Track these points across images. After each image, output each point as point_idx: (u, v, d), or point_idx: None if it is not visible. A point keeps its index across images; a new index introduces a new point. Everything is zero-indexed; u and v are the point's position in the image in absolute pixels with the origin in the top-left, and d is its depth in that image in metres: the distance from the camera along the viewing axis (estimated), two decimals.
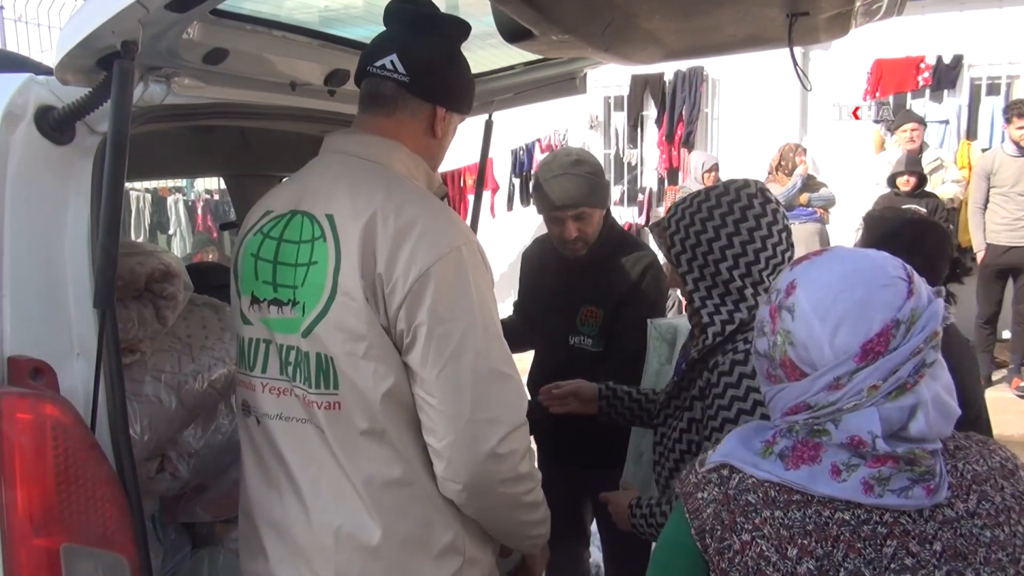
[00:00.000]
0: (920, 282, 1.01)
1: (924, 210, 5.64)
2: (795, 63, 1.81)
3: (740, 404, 1.50)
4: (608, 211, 2.54)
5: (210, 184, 9.57)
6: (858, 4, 1.77)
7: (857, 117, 6.91)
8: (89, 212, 1.45)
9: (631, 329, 2.38)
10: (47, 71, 1.50)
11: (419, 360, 1.33)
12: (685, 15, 1.77)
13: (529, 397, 1.50)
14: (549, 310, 2.52)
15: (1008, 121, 5.55)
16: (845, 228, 6.81)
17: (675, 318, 2.39)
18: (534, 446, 1.53)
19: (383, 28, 1.58)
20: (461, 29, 1.58)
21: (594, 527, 2.84)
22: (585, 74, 2.57)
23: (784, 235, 1.61)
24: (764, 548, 0.95)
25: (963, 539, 0.95)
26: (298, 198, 1.46)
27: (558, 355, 2.49)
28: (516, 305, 2.78)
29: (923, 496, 0.94)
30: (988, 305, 5.79)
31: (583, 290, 2.45)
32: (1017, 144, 5.48)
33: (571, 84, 2.56)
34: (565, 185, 2.36)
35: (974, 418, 1.97)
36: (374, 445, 1.37)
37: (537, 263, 2.65)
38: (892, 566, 0.93)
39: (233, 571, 2.00)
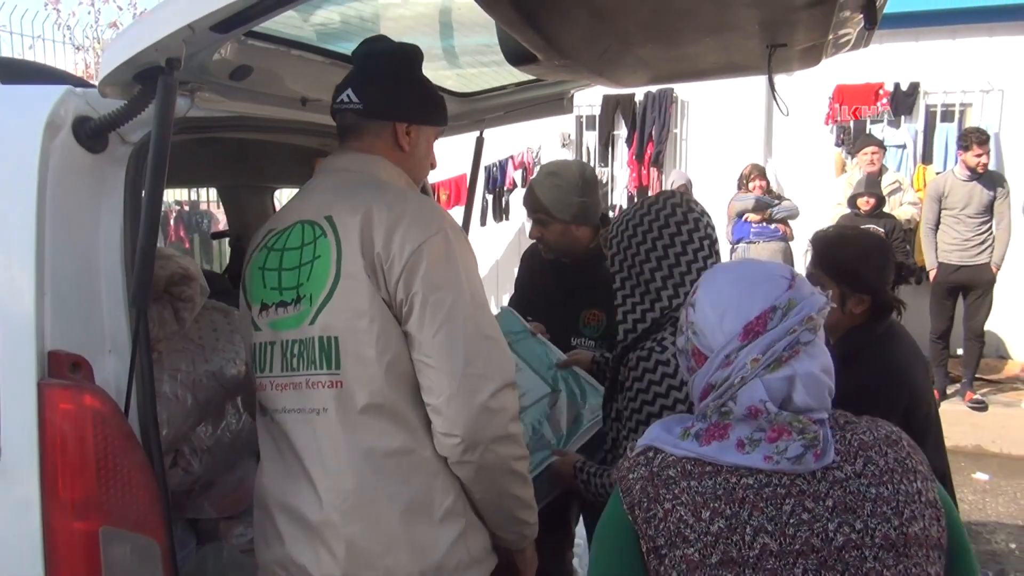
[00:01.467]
0: (802, 281, 1.19)
1: (882, 230, 5.92)
2: (773, 90, 1.97)
3: (662, 400, 1.69)
4: (604, 222, 2.66)
5: (180, 195, 9.54)
6: (831, 37, 1.94)
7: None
8: (121, 217, 1.54)
9: None
10: (80, 83, 1.60)
11: (416, 324, 1.47)
12: (675, 43, 1.92)
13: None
14: (550, 311, 2.62)
15: (966, 148, 5.82)
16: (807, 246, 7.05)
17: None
18: None
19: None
20: (409, 54, 1.73)
21: (581, 530, 2.95)
22: (572, 95, 2.71)
23: (706, 243, 1.78)
24: (683, 513, 1.09)
25: (851, 496, 1.08)
26: (299, 212, 1.62)
27: None
28: (511, 303, 2.87)
29: (812, 461, 1.09)
30: (941, 321, 6.06)
31: (585, 293, 2.57)
32: (972, 170, 5.77)
33: (559, 104, 2.71)
34: (533, 190, 2.52)
35: (925, 411, 2.13)
36: (374, 419, 1.48)
37: (536, 266, 2.76)
38: (791, 521, 1.07)
39: (237, 567, 2.08)
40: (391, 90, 1.68)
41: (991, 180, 5.86)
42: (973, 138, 5.80)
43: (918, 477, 1.11)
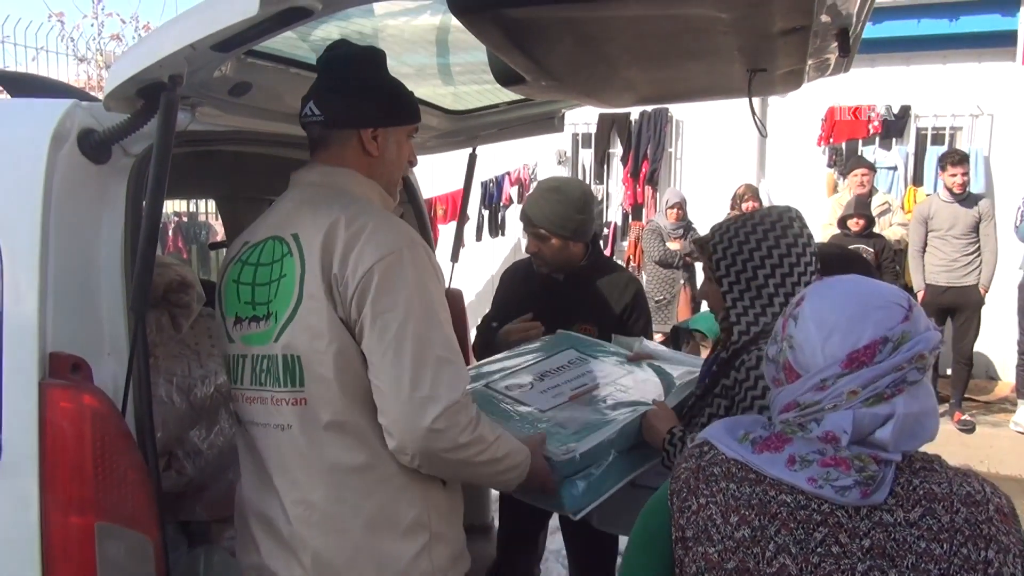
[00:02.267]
0: (919, 313, 1.11)
1: (872, 250, 6.00)
2: (753, 112, 2.04)
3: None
4: (595, 239, 2.72)
5: (179, 207, 9.62)
6: (810, 62, 2.01)
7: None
8: (122, 225, 1.60)
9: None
10: (86, 97, 1.66)
11: (368, 346, 1.49)
12: (659, 66, 2.00)
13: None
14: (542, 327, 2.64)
15: (943, 168, 5.95)
16: None
17: (635, 340, 2.56)
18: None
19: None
20: (368, 55, 1.72)
21: (559, 543, 2.99)
22: (563, 114, 2.79)
23: (813, 257, 1.82)
24: (713, 512, 1.10)
25: (894, 543, 1.02)
26: (270, 227, 1.65)
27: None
28: (489, 320, 2.89)
29: (857, 495, 1.04)
30: None
31: (577, 309, 2.62)
32: (950, 191, 5.87)
33: (550, 123, 2.79)
34: (534, 205, 2.57)
35: None
36: (337, 435, 1.52)
37: (521, 283, 2.80)
38: (819, 550, 1.04)
39: (227, 569, 2.12)
40: (351, 98, 1.66)
41: (976, 202, 5.95)
42: (948, 159, 5.92)
43: (992, 546, 1.01)
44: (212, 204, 7.76)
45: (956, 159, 5.87)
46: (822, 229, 6.68)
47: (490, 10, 1.35)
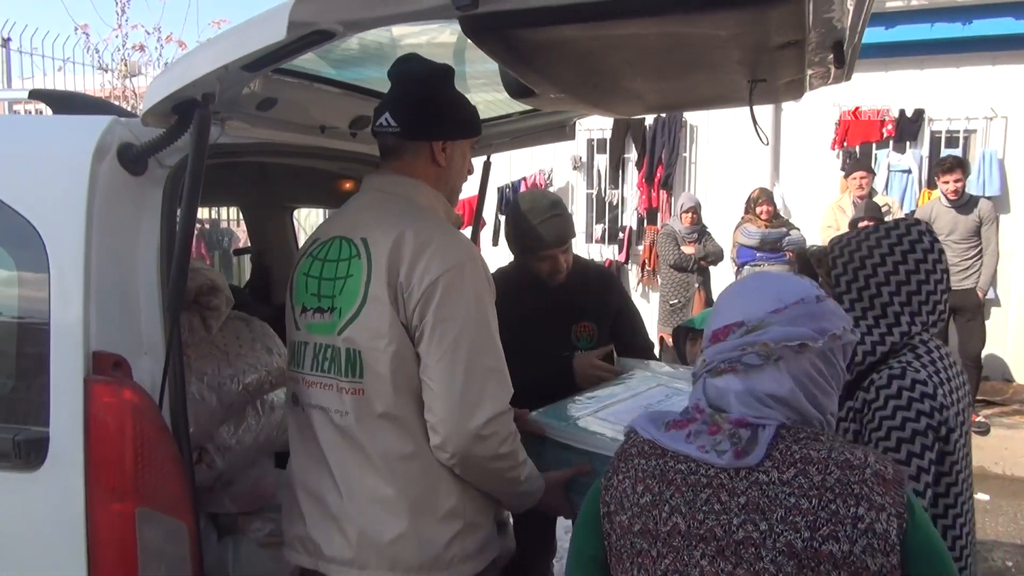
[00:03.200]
0: (800, 312, 1.21)
1: None
2: (755, 121, 2.12)
3: (903, 412, 1.58)
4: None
5: (202, 214, 9.80)
6: (809, 72, 2.10)
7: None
8: (158, 232, 1.72)
9: (638, 327, 2.88)
10: (124, 113, 1.78)
11: (424, 349, 1.63)
12: (662, 78, 2.09)
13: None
14: (540, 330, 2.72)
15: (937, 176, 6.04)
16: None
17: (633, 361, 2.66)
18: None
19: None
20: (440, 72, 1.84)
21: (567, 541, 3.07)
22: (575, 123, 2.89)
23: (944, 274, 1.74)
24: (626, 485, 1.25)
25: (767, 499, 1.14)
26: (339, 227, 1.78)
27: (551, 367, 2.76)
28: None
29: (731, 458, 1.17)
30: None
31: (573, 309, 2.73)
32: (946, 196, 5.92)
33: (562, 131, 2.88)
34: (557, 224, 2.63)
35: None
36: (389, 425, 1.65)
37: (511, 292, 2.84)
38: (703, 508, 1.17)
39: (254, 558, 2.23)
40: (426, 112, 1.78)
41: (975, 206, 5.99)
42: (940, 167, 6.01)
43: (862, 504, 1.11)
44: (234, 212, 7.93)
45: (947, 166, 5.94)
46: (821, 232, 6.73)
47: (499, 31, 1.45)
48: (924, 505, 1.53)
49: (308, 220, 9.79)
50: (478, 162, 3.04)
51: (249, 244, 3.53)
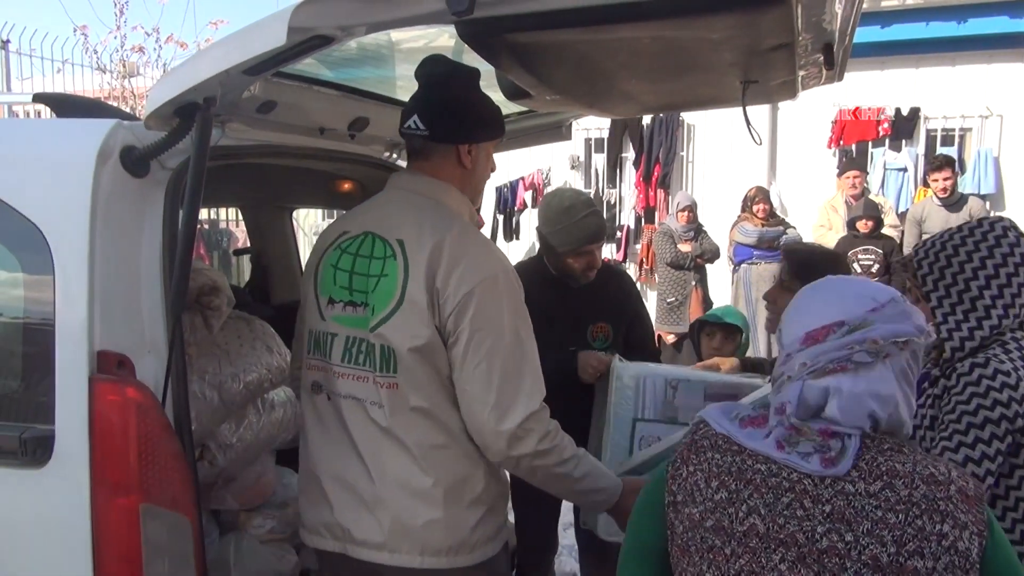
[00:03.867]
0: (896, 310, 1.21)
1: (881, 251, 6.08)
2: (747, 121, 2.15)
3: (979, 399, 1.63)
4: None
5: (202, 215, 9.80)
6: (801, 73, 2.13)
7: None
8: (161, 233, 1.74)
9: (649, 337, 2.95)
10: (126, 116, 1.81)
11: (460, 356, 1.69)
12: (656, 79, 2.12)
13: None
14: (556, 328, 2.69)
15: (928, 174, 6.08)
16: None
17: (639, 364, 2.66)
18: None
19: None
20: (469, 75, 1.87)
21: (571, 536, 3.10)
22: (571, 123, 2.92)
23: None
24: (698, 478, 1.24)
25: (853, 510, 1.13)
26: (370, 223, 1.81)
27: (557, 362, 2.80)
28: None
29: (818, 464, 1.16)
30: None
31: (591, 309, 2.77)
32: (936, 194, 5.97)
33: (558, 131, 2.92)
34: (594, 222, 2.67)
35: None
36: (421, 418, 1.71)
37: (532, 288, 2.88)
38: (785, 512, 1.16)
39: (255, 554, 2.27)
40: (453, 115, 1.82)
41: (965, 203, 6.03)
42: (931, 165, 6.10)
43: (947, 521, 1.11)
44: (232, 212, 7.96)
45: (937, 164, 6.00)
46: (814, 231, 6.77)
47: (494, 35, 1.48)
48: (989, 491, 1.59)
49: (307, 220, 9.82)
50: None
51: (248, 244, 3.55)
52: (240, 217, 8.18)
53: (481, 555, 1.78)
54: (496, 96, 2.50)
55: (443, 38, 2.13)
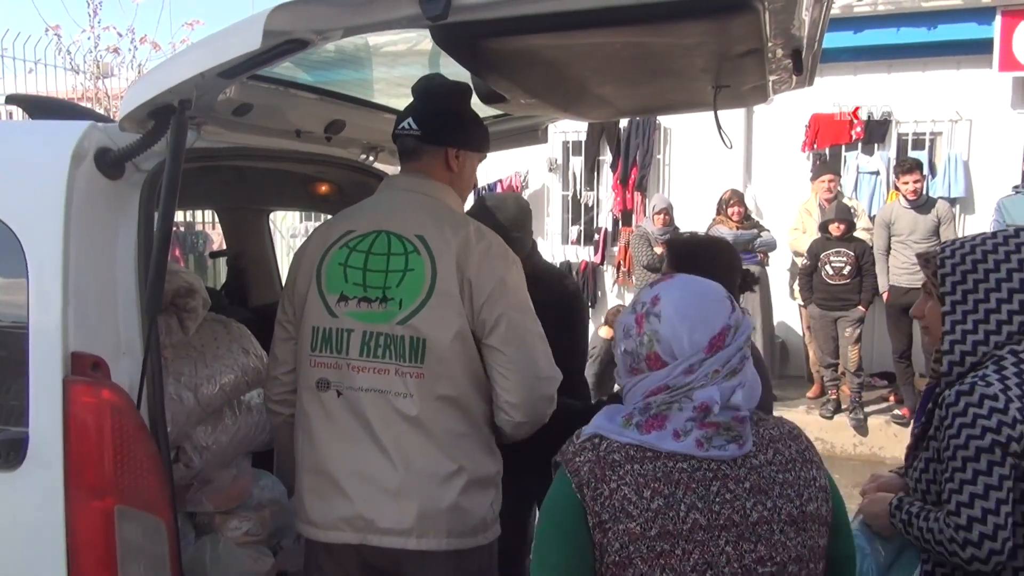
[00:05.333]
0: (734, 301, 1.38)
1: (852, 254, 6.17)
2: (718, 125, 2.18)
3: (968, 430, 1.56)
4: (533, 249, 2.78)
5: (177, 217, 9.72)
6: (771, 78, 2.17)
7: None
8: (135, 235, 1.75)
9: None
10: (100, 118, 1.81)
11: (501, 341, 1.83)
12: (630, 84, 2.15)
13: None
14: None
15: (897, 177, 6.19)
16: (784, 268, 7.30)
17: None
18: None
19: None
20: (461, 89, 2.01)
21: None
22: (547, 127, 2.94)
23: None
24: (627, 492, 1.25)
25: (764, 480, 1.29)
26: (381, 221, 1.89)
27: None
28: None
29: (736, 450, 1.29)
30: (899, 340, 6.31)
31: None
32: (905, 197, 6.07)
33: (534, 135, 2.94)
34: (525, 240, 2.64)
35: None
36: (447, 406, 1.82)
37: None
38: (717, 499, 1.26)
39: (232, 557, 2.26)
40: (445, 120, 1.97)
41: (933, 206, 6.14)
42: (900, 168, 6.15)
43: (813, 466, 1.34)
44: (208, 214, 7.91)
45: (906, 167, 6.08)
46: (789, 234, 6.85)
47: (469, 40, 1.50)
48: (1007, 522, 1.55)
49: (284, 223, 9.78)
50: None
51: (223, 246, 3.54)
52: (216, 219, 8.19)
53: (493, 533, 1.91)
54: (473, 99, 2.53)
55: (420, 42, 2.15)
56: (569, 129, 8.34)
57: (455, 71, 2.12)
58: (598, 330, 6.23)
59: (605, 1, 1.35)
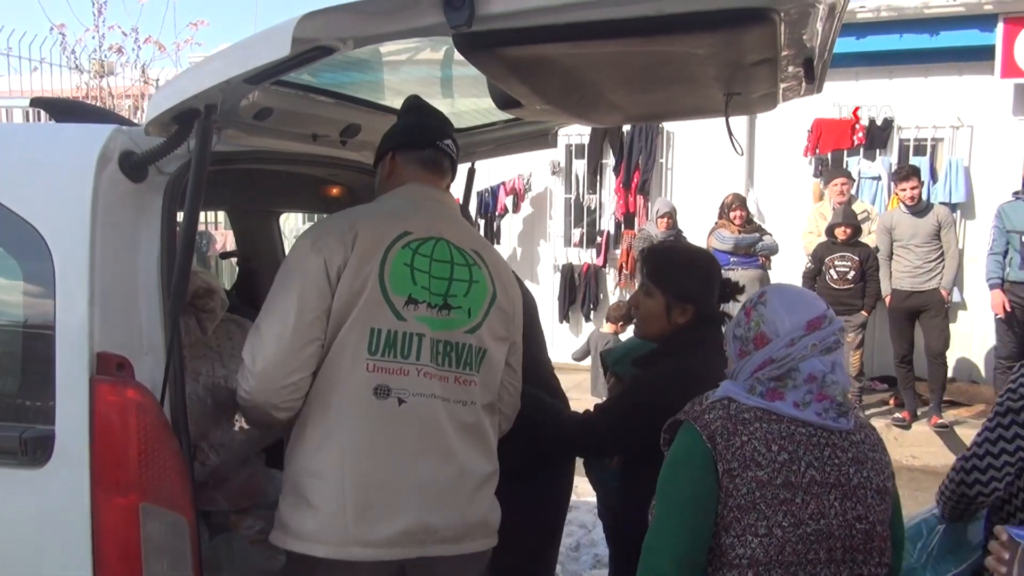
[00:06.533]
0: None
1: (857, 258, 6.20)
2: (730, 132, 2.22)
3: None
4: None
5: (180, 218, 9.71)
6: (782, 86, 2.20)
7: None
8: (158, 237, 1.77)
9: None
10: (124, 122, 1.83)
11: (516, 361, 2.05)
12: (642, 90, 2.18)
13: None
14: None
15: (895, 184, 6.30)
16: (786, 272, 7.34)
17: None
18: None
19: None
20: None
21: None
22: (556, 131, 2.98)
23: None
24: (756, 445, 1.52)
25: (860, 454, 1.58)
26: (436, 229, 1.90)
27: None
28: None
29: (846, 423, 1.58)
30: (901, 345, 6.35)
31: None
32: (904, 203, 6.12)
33: (544, 139, 2.97)
34: None
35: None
36: (491, 412, 1.96)
37: None
38: (828, 462, 1.54)
39: (247, 555, 2.29)
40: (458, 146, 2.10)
41: (934, 212, 6.19)
42: (898, 175, 6.25)
43: (887, 454, 1.66)
44: (213, 215, 7.93)
45: (904, 174, 6.17)
46: (803, 238, 6.88)
47: (490, 48, 1.53)
48: None
49: (287, 223, 9.79)
50: (463, 168, 3.13)
51: (227, 247, 3.58)
52: (219, 220, 8.21)
53: (498, 527, 1.97)
54: (486, 104, 2.56)
55: (434, 48, 2.19)
56: (572, 132, 8.37)
57: (466, 72, 2.15)
58: (600, 328, 6.27)
59: (626, 12, 1.38)
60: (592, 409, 2.30)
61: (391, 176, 2.02)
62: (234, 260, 3.80)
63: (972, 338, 7.12)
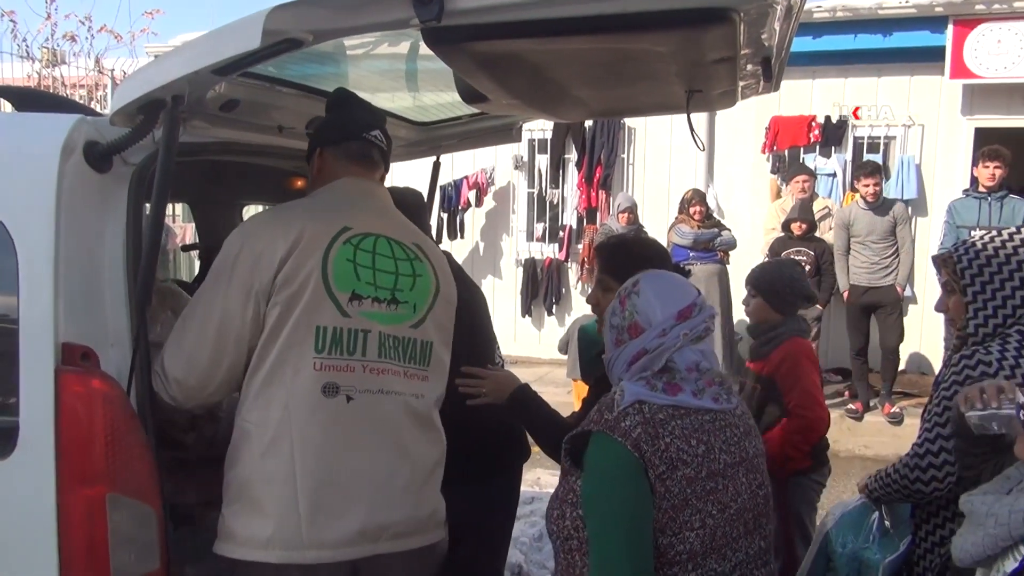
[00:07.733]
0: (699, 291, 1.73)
1: (812, 253, 6.34)
2: (691, 128, 2.27)
3: (957, 387, 1.82)
4: None
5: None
6: (741, 84, 2.26)
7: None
8: (124, 228, 1.77)
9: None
10: (90, 112, 1.82)
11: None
12: (606, 86, 2.22)
13: None
14: None
15: (856, 179, 6.40)
16: (744, 266, 7.47)
17: None
18: None
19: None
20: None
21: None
22: (521, 125, 3.01)
23: None
24: (679, 444, 1.52)
25: (745, 425, 1.67)
26: (372, 224, 1.89)
27: None
28: None
29: (735, 401, 1.67)
30: (857, 338, 6.51)
31: None
32: (864, 199, 6.28)
33: (508, 133, 3.00)
34: None
35: None
36: (438, 405, 1.96)
37: None
38: (731, 442, 1.61)
39: (210, 550, 2.28)
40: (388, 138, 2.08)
41: (889, 208, 6.35)
42: (860, 171, 6.37)
43: (751, 417, 1.76)
44: (171, 208, 7.80)
45: (867, 170, 6.29)
46: (764, 233, 7.01)
47: (459, 43, 1.55)
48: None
49: (248, 215, 9.67)
50: (428, 162, 3.15)
51: (187, 240, 3.54)
52: (176, 213, 8.10)
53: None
54: (451, 98, 2.59)
55: (400, 42, 2.20)
56: (535, 127, 8.41)
57: (432, 66, 2.17)
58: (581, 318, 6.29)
59: (593, 9, 1.41)
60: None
61: (321, 172, 1.99)
62: (195, 253, 3.76)
63: (922, 331, 7.33)
